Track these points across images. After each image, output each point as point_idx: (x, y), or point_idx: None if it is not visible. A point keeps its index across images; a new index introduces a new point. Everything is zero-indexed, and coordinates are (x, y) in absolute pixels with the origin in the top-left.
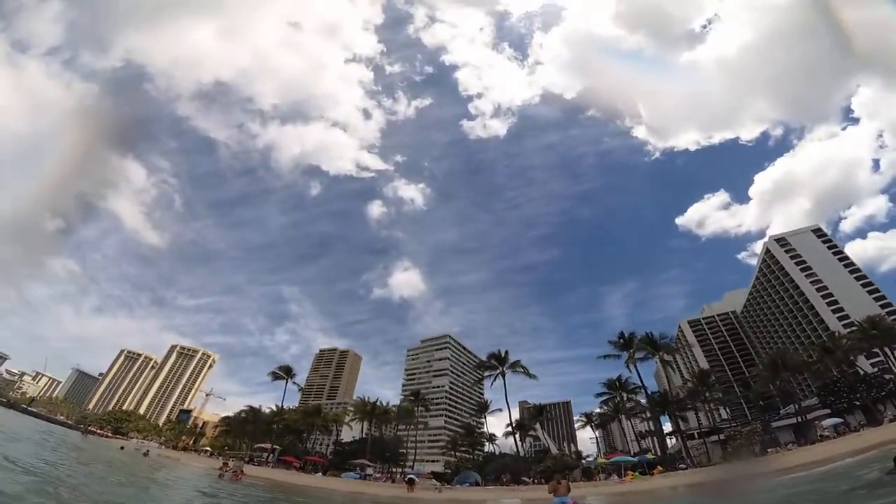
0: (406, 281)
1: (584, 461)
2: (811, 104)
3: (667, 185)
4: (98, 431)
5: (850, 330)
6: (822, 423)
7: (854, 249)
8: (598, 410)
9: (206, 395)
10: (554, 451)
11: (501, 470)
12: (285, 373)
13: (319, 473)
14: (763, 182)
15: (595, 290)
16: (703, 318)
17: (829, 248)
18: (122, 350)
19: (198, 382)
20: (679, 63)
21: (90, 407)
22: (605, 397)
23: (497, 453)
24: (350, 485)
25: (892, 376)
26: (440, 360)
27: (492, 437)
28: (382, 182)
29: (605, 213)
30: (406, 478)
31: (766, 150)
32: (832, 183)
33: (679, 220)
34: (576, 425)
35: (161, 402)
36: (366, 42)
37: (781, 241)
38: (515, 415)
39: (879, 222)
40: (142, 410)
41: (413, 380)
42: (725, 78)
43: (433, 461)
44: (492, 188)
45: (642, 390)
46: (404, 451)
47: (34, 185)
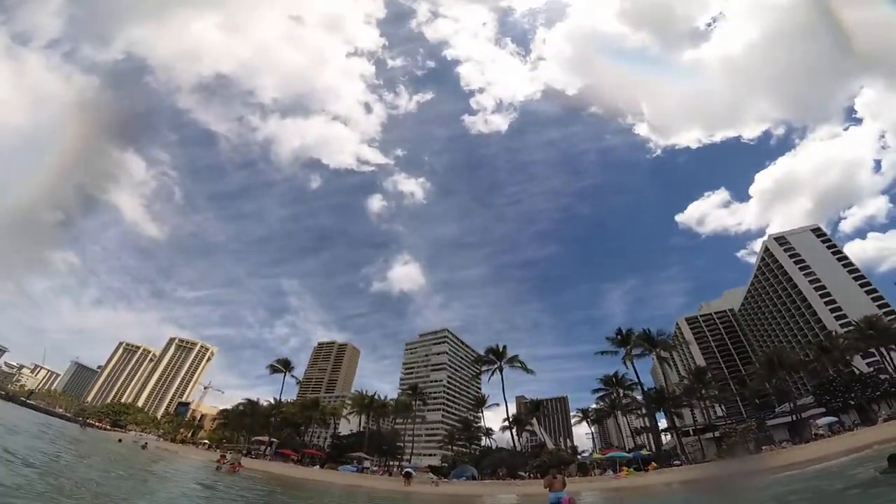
0: (406, 275)
1: (579, 456)
2: (814, 104)
3: (667, 182)
4: (96, 424)
5: (847, 329)
6: (816, 421)
7: (853, 249)
8: (594, 406)
9: (205, 388)
10: (550, 446)
11: (498, 464)
12: (283, 366)
13: (317, 466)
14: (764, 181)
15: (594, 286)
16: (701, 316)
17: (828, 247)
18: (121, 343)
19: (196, 375)
20: (683, 61)
21: (88, 399)
22: (601, 393)
23: (494, 448)
24: (347, 478)
25: (887, 376)
26: (438, 354)
27: (489, 432)
28: (383, 176)
29: (605, 210)
30: (403, 471)
31: (767, 149)
32: (833, 183)
33: (679, 218)
34: (572, 421)
35: (159, 395)
36: (368, 36)
37: (781, 239)
38: (512, 410)
39: (879, 223)
40: (140, 403)
41: (411, 374)
42: (729, 76)
43: (430, 455)
44: (492, 183)
45: (639, 387)
46: (402, 444)
47: (34, 177)
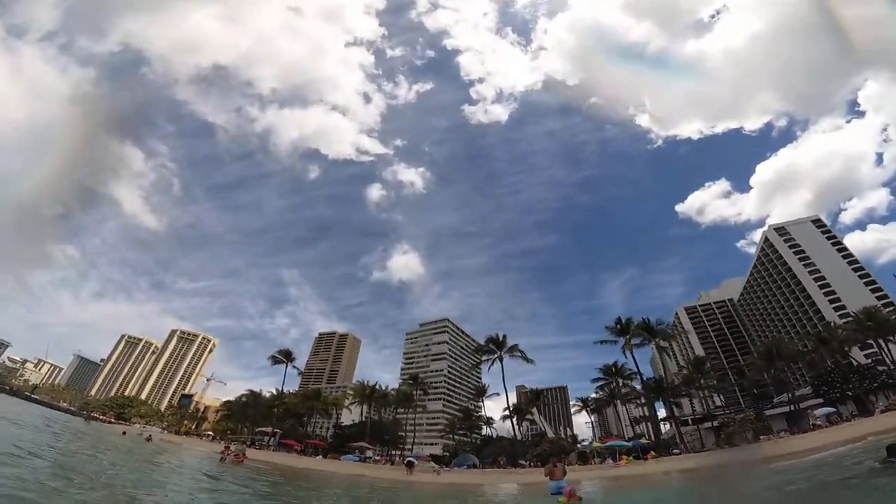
0: (405, 264)
1: (579, 445)
2: (817, 97)
3: (668, 172)
4: (101, 417)
5: (845, 321)
6: (814, 412)
7: (853, 241)
8: (594, 395)
9: (207, 380)
10: (550, 435)
11: (499, 453)
12: (285, 357)
13: (320, 456)
14: (765, 172)
15: (594, 276)
16: (700, 306)
17: (828, 238)
18: (123, 335)
19: (199, 367)
20: (685, 53)
21: (92, 393)
22: (601, 383)
23: (494, 437)
24: (350, 467)
25: (885, 368)
26: (439, 343)
27: (489, 421)
28: (382, 166)
29: (605, 200)
30: (405, 461)
31: (769, 141)
32: (834, 175)
33: (679, 208)
34: (572, 410)
35: (162, 388)
36: (367, 26)
37: (781, 230)
38: (513, 399)
39: (880, 215)
40: (144, 396)
41: (412, 363)
42: (732, 68)
43: (432, 444)
44: (492, 173)
45: (638, 376)
46: (403, 434)
47: (32, 171)
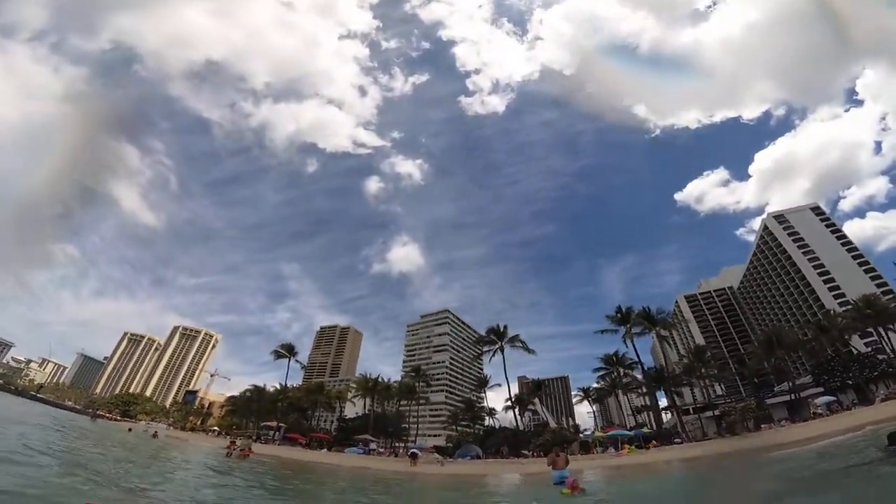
0: (405, 256)
1: (581, 435)
2: (815, 85)
3: (666, 161)
4: (107, 415)
5: (845, 308)
6: (815, 400)
7: (852, 228)
8: (595, 385)
9: (211, 376)
10: (552, 425)
11: (501, 444)
12: (287, 351)
13: (324, 449)
14: (763, 160)
15: (593, 265)
16: (700, 294)
17: (827, 226)
18: (125, 333)
19: (202, 363)
20: (682, 42)
21: (97, 391)
22: (602, 372)
23: (497, 427)
24: (355, 460)
25: (885, 356)
26: (440, 335)
27: (492, 412)
28: (379, 158)
29: (603, 189)
30: (409, 452)
31: (767, 130)
32: (833, 163)
33: (678, 196)
34: (574, 400)
35: (167, 384)
36: (360, 18)
37: (780, 217)
38: (514, 390)
39: (879, 202)
40: (148, 393)
41: (413, 356)
42: (729, 57)
43: (435, 436)
44: (490, 164)
45: (639, 366)
46: (406, 426)
47: (28, 170)
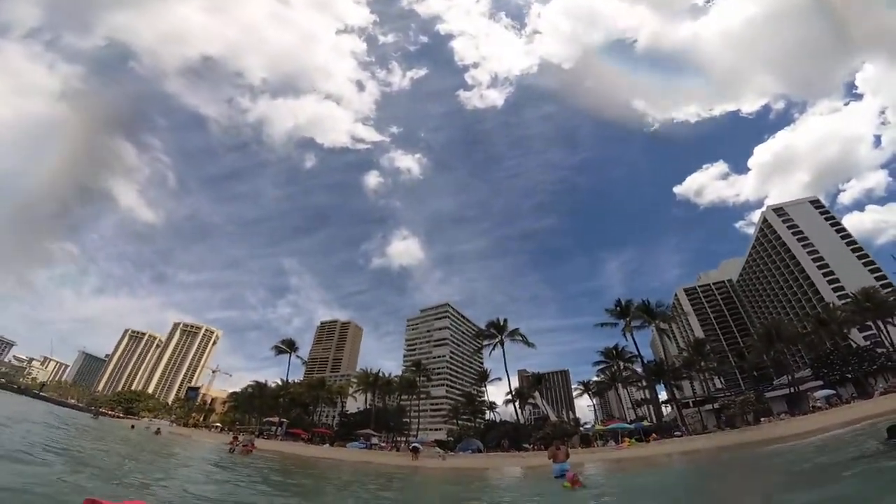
0: (405, 250)
1: (582, 428)
2: (814, 79)
3: (665, 155)
4: (109, 413)
5: (844, 301)
6: (814, 394)
7: (851, 222)
8: (595, 379)
9: (213, 372)
10: (553, 418)
11: (502, 437)
12: (288, 346)
13: (327, 444)
14: (763, 154)
15: (593, 258)
16: (700, 287)
17: (826, 219)
18: (127, 330)
19: (203, 359)
20: (681, 36)
21: (99, 389)
22: (602, 366)
23: (498, 421)
24: (357, 454)
25: (883, 350)
26: (440, 329)
27: (492, 406)
28: (378, 153)
29: (603, 182)
30: (411, 446)
31: (766, 123)
32: (832, 157)
33: (677, 189)
34: (574, 393)
35: (169, 381)
36: (358, 13)
37: (779, 210)
38: (515, 383)
39: (878, 196)
40: (150, 390)
41: (414, 350)
42: (728, 51)
43: (436, 430)
44: (489, 157)
45: (638, 359)
46: (408, 420)
47: (25, 169)
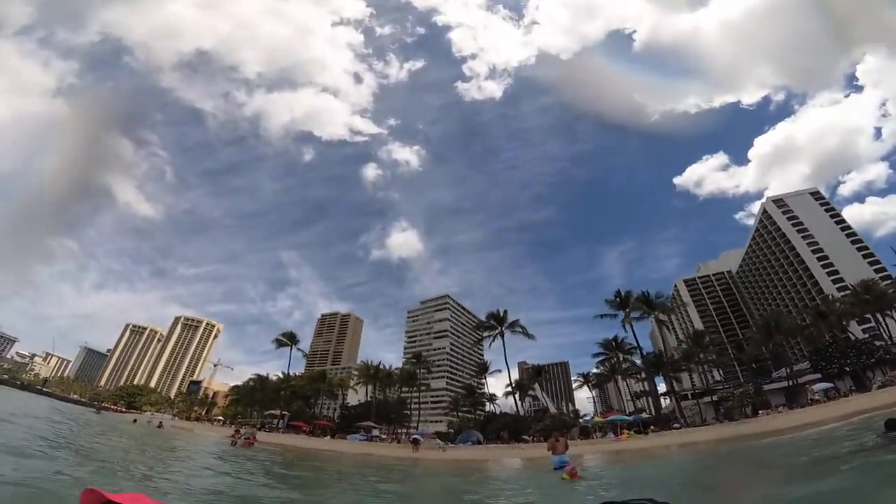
0: (404, 241)
1: (581, 420)
2: (814, 71)
3: (665, 146)
4: (112, 407)
5: (843, 293)
6: (812, 387)
7: (851, 213)
8: (594, 371)
9: (215, 366)
10: (552, 410)
11: (502, 429)
12: (289, 339)
13: (328, 437)
14: (763, 145)
15: (592, 249)
16: (699, 277)
17: (826, 210)
18: (128, 325)
19: (205, 353)
20: (681, 27)
21: (101, 383)
22: (601, 358)
23: (498, 413)
24: (357, 447)
25: (882, 343)
26: (440, 321)
27: (492, 398)
28: (376, 146)
29: (602, 174)
30: (411, 438)
31: (766, 115)
32: (832, 149)
33: (677, 180)
34: (573, 385)
35: (171, 375)
36: (353, 5)
37: (779, 202)
38: (515, 375)
39: (878, 188)
40: (153, 384)
41: (414, 342)
42: (728, 42)
43: (436, 422)
44: (487, 149)
45: (638, 351)
46: (408, 412)
47: (22, 166)
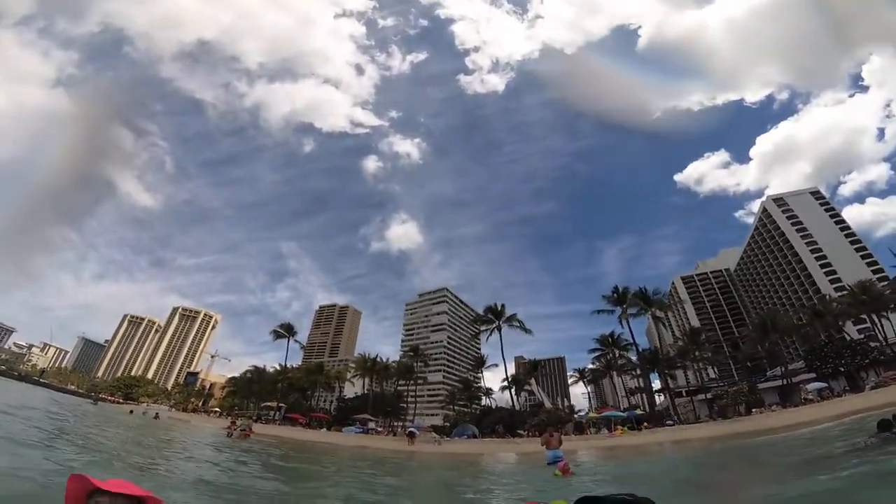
0: (404, 234)
1: (576, 415)
2: (819, 70)
3: (667, 143)
4: (109, 398)
5: (840, 294)
6: (806, 386)
7: (851, 214)
8: (590, 366)
9: (212, 357)
10: (548, 405)
11: (498, 423)
12: (287, 331)
13: (324, 429)
14: (764, 144)
15: (591, 244)
16: (697, 275)
17: (826, 210)
18: (126, 315)
19: (202, 344)
20: (685, 24)
21: (99, 374)
22: (597, 353)
23: (494, 407)
24: (353, 439)
25: (877, 344)
26: (438, 314)
27: (488, 392)
28: (377, 138)
29: (603, 169)
30: (407, 431)
31: (770, 113)
32: (834, 148)
33: (678, 177)
34: (569, 381)
35: (168, 366)
36: None
37: (779, 201)
38: (511, 370)
39: (879, 189)
40: (150, 375)
41: (412, 335)
42: (733, 40)
43: (432, 415)
44: (489, 143)
45: (634, 347)
46: (404, 405)
47: (21, 157)
